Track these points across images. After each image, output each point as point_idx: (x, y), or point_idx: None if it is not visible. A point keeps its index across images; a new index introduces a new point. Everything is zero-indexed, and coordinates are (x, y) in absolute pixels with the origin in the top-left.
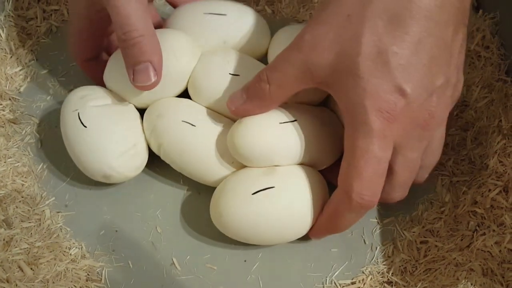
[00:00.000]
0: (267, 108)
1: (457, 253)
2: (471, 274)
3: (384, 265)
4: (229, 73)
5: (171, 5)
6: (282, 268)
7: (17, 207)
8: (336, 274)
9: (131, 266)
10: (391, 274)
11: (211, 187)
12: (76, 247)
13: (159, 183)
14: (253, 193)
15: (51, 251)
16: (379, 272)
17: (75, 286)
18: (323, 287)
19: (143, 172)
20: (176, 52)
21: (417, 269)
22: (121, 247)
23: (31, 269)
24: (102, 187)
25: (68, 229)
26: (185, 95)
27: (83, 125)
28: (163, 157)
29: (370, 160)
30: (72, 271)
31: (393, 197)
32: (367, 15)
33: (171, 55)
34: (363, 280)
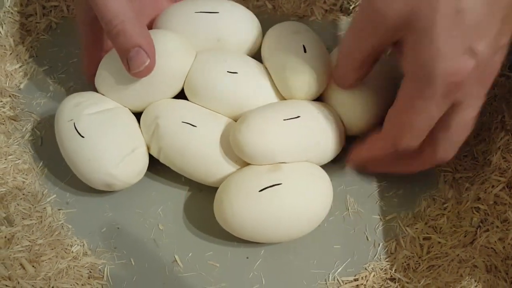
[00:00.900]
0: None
1: (460, 250)
2: (474, 270)
3: (387, 261)
4: (227, 71)
5: None
6: (284, 265)
7: (18, 204)
8: (338, 271)
9: (133, 263)
10: (394, 270)
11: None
12: (78, 245)
13: (161, 180)
14: (260, 190)
15: (52, 249)
16: (382, 268)
17: (77, 283)
18: (326, 284)
19: None
20: (171, 52)
21: (420, 265)
22: (123, 244)
23: (33, 266)
24: None
25: (69, 226)
26: (180, 96)
27: (80, 135)
28: (163, 160)
29: (425, 118)
30: (74, 268)
31: (445, 155)
32: None
33: (166, 56)
34: (366, 276)
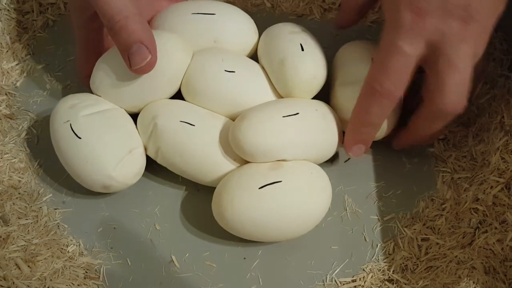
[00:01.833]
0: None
1: (458, 251)
2: (473, 272)
3: (384, 262)
4: (225, 70)
5: None
6: (282, 265)
7: (14, 203)
8: (336, 271)
9: (130, 263)
10: (392, 271)
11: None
12: (74, 244)
13: (158, 180)
14: (260, 187)
15: (48, 248)
16: (380, 269)
17: (72, 283)
18: (324, 284)
19: None
20: (168, 52)
21: (418, 266)
22: (120, 244)
23: (28, 266)
24: None
25: (65, 226)
26: (177, 97)
27: (77, 136)
28: (160, 161)
29: (394, 52)
30: (70, 268)
31: (452, 101)
32: None
33: (163, 56)
34: (363, 277)
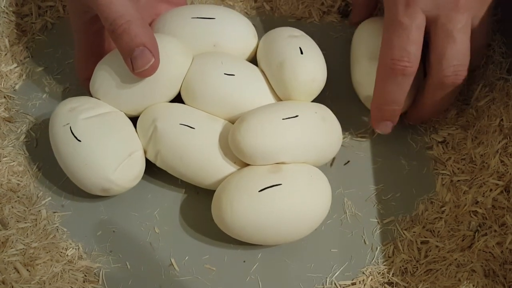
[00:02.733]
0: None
1: (458, 254)
2: (472, 275)
3: (384, 265)
4: (224, 73)
5: None
6: (281, 268)
7: (12, 207)
8: (336, 274)
9: (129, 267)
10: (391, 274)
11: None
12: (73, 248)
13: (157, 183)
14: (260, 190)
15: (47, 252)
16: (380, 272)
17: (72, 287)
18: (323, 287)
19: None
20: (168, 56)
21: (417, 269)
22: (119, 247)
23: (27, 270)
24: None
25: (64, 229)
26: (177, 100)
27: (77, 139)
28: (160, 164)
29: (396, 28)
30: (69, 272)
31: (442, 80)
32: None
33: (163, 59)
34: (363, 280)
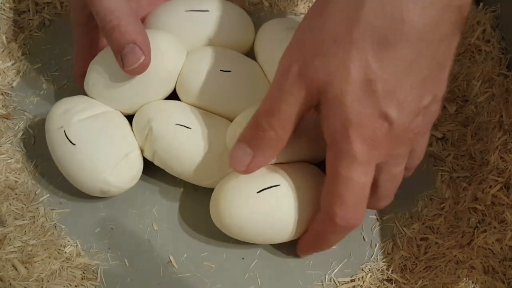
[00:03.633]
0: (280, 151)
1: (457, 250)
2: (472, 271)
3: (383, 262)
4: (220, 69)
5: None
6: (280, 265)
7: (10, 204)
8: (335, 271)
9: (127, 264)
10: (390, 271)
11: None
12: (71, 245)
13: (155, 180)
14: (259, 191)
15: (45, 249)
16: (379, 269)
17: (70, 284)
18: (322, 284)
19: None
20: (162, 52)
21: (417, 266)
22: (117, 245)
23: (25, 267)
24: None
25: (63, 226)
26: (172, 97)
27: (71, 142)
28: (157, 163)
29: (353, 187)
30: (67, 269)
31: (379, 206)
32: (354, 38)
33: (157, 56)
34: (362, 277)
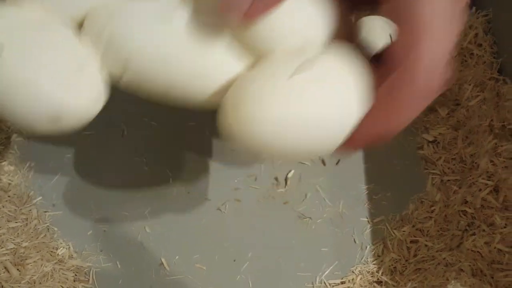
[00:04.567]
0: None
1: (447, 253)
2: (460, 274)
3: (374, 264)
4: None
5: None
6: (271, 267)
7: (3, 206)
8: (326, 273)
9: (119, 266)
10: (381, 273)
11: (200, 186)
12: (63, 247)
13: (147, 182)
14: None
15: (38, 251)
16: (369, 271)
17: (62, 286)
18: (313, 286)
19: (130, 170)
20: None
21: (407, 268)
22: (109, 247)
23: (18, 269)
24: (90, 186)
25: (55, 229)
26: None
27: None
28: (127, 84)
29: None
30: (59, 271)
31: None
32: None
33: None
34: (353, 279)
